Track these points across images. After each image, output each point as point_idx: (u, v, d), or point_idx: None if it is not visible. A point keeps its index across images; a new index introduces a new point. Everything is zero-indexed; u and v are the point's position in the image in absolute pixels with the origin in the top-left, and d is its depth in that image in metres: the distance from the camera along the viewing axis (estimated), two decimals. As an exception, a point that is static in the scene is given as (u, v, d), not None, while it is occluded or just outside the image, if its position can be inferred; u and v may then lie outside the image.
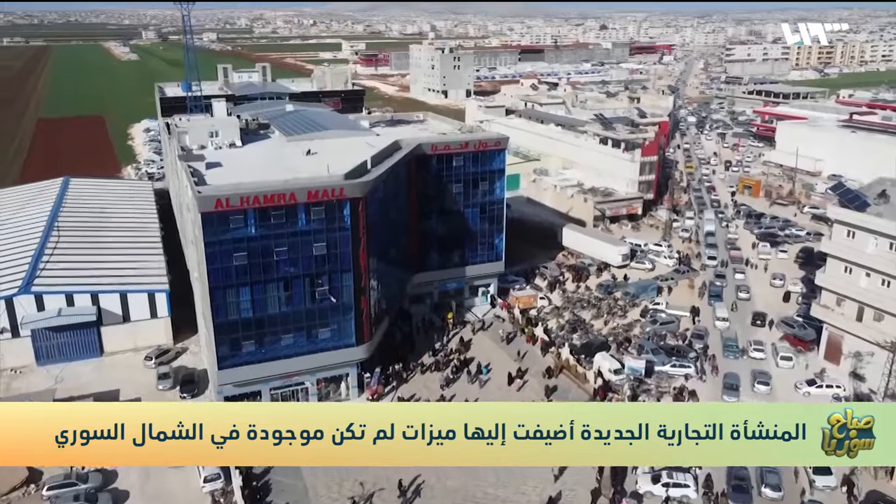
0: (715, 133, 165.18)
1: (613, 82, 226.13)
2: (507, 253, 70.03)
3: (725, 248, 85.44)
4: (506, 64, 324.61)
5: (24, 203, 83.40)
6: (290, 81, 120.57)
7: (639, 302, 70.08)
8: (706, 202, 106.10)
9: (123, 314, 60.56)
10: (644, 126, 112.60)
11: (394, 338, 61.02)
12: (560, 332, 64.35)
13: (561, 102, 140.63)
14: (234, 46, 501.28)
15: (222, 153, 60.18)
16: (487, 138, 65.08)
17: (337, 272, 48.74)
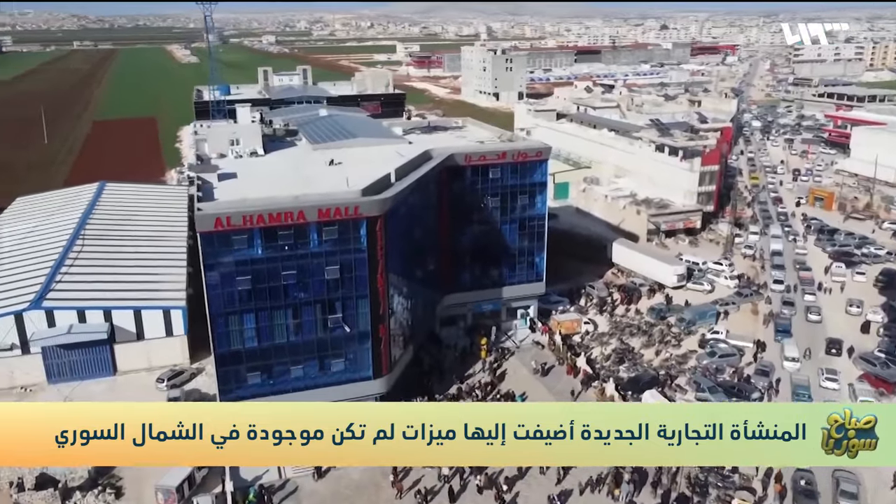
0: (782, 139, 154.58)
1: (673, 84, 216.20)
2: (552, 269, 64.36)
3: (794, 269, 77.39)
4: (561, 65, 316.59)
5: (56, 210, 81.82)
6: (332, 85, 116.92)
7: (695, 329, 63.31)
8: (772, 216, 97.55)
9: (137, 331, 57.35)
10: (704, 132, 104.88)
11: (421, 364, 56.13)
12: (605, 363, 58.25)
13: (615, 106, 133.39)
14: (291, 49, 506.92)
15: (241, 162, 56.37)
16: (528, 148, 59.43)
17: (352, 298, 44.07)
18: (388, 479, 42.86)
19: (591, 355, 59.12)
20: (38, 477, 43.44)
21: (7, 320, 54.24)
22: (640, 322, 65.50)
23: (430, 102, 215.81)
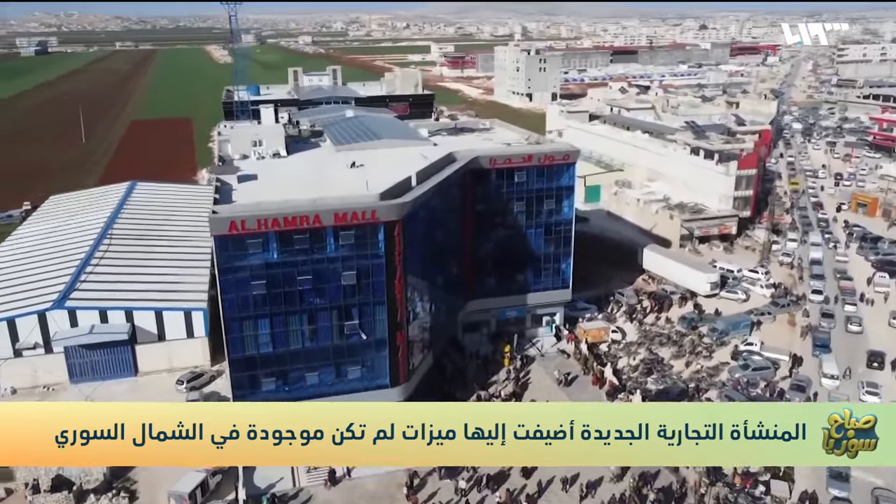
0: (824, 142, 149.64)
1: (710, 85, 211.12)
2: (580, 274, 62.64)
3: (834, 278, 74.21)
4: (597, 66, 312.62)
5: (86, 208, 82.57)
6: (361, 85, 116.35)
7: (728, 340, 60.91)
8: (812, 222, 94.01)
9: (159, 333, 57.18)
10: (742, 135, 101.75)
11: (443, 370, 54.90)
12: (633, 374, 56.29)
13: (650, 107, 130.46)
14: (326, 49, 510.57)
15: (263, 164, 55.81)
16: (555, 150, 57.76)
17: (368, 304, 42.99)
18: (402, 491, 41.71)
19: (618, 365, 57.23)
20: (55, 479, 43.36)
21: (30, 319, 54.48)
22: (670, 331, 63.33)
23: (463, 103, 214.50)
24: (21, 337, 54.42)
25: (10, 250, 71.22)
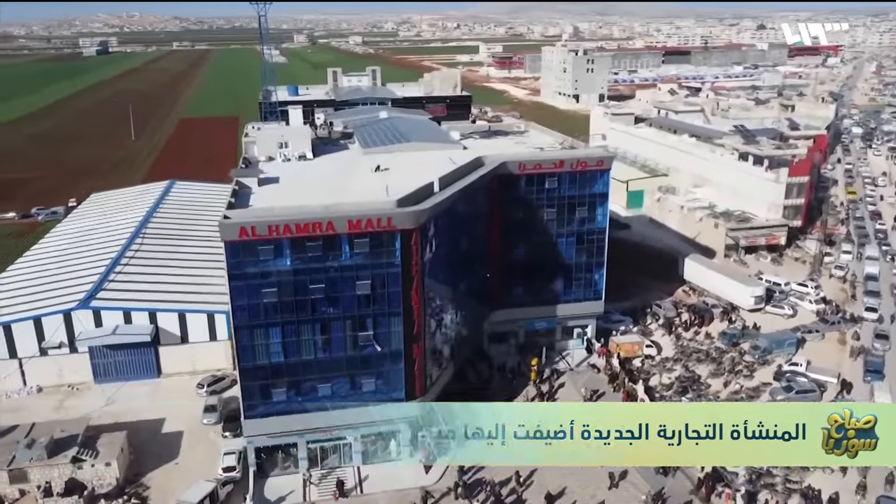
0: (885, 148, 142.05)
1: (765, 88, 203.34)
2: (617, 283, 60.16)
3: (891, 295, 69.53)
4: (648, 67, 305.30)
5: (123, 207, 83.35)
6: (400, 86, 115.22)
7: (771, 359, 57.38)
8: (869, 233, 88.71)
9: (182, 335, 56.86)
10: (795, 139, 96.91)
11: (467, 382, 53.00)
12: (666, 392, 53.39)
13: (699, 110, 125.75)
14: (376, 49, 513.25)
15: (288, 166, 54.80)
16: (588, 156, 55.21)
17: (384, 315, 41.38)
18: (413, 509, 40.10)
19: (651, 382, 54.39)
20: (68, 482, 43.08)
21: (56, 318, 54.67)
22: (709, 347, 60.11)
23: (508, 104, 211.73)
24: (47, 336, 54.67)
25: (46, 248, 72.22)
